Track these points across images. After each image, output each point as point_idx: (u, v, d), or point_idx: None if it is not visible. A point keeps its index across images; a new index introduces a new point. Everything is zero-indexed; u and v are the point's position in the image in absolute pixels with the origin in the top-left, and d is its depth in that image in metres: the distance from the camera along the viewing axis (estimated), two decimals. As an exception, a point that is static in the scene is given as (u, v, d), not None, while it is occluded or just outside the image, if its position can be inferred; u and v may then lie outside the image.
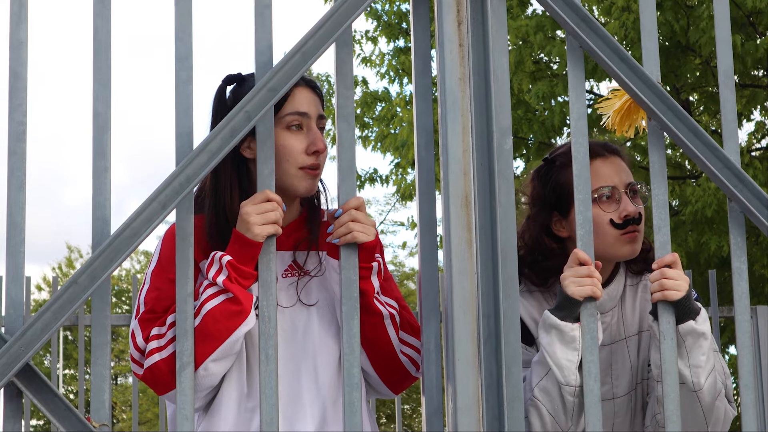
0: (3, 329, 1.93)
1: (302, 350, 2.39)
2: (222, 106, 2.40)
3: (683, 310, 2.30)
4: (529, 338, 2.54)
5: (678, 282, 2.24)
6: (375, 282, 2.34)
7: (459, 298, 1.99)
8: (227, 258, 2.23)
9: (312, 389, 2.38)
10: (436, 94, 2.10)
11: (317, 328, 2.41)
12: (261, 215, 2.15)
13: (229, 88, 2.43)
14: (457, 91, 2.04)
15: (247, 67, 2.52)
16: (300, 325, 2.40)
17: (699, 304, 2.40)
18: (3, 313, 5.41)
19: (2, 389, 1.88)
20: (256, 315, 2.26)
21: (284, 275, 2.42)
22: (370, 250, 2.28)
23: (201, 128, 2.05)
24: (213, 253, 2.27)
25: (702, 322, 2.36)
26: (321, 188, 2.48)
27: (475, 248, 2.01)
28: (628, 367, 2.63)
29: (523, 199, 2.75)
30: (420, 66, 2.15)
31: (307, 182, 2.38)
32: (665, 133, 2.15)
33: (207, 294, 2.24)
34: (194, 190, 2.00)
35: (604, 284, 2.62)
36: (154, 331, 2.27)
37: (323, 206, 2.50)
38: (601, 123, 2.55)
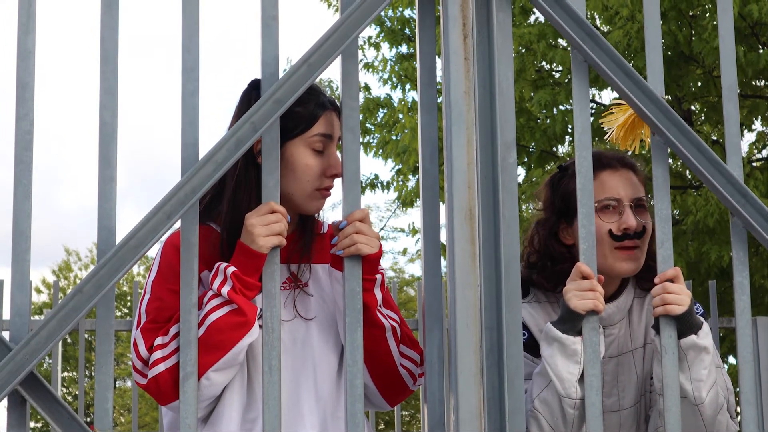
0: (7, 335, 1.93)
1: (301, 362, 2.39)
2: (246, 110, 2.38)
3: (685, 325, 2.30)
4: (537, 350, 2.54)
5: (680, 296, 2.24)
6: (378, 294, 2.34)
7: (462, 311, 2.00)
8: (232, 269, 2.23)
9: (311, 401, 2.38)
10: (439, 101, 2.11)
11: (316, 340, 2.41)
12: (266, 227, 2.15)
13: (255, 93, 2.42)
14: (462, 104, 2.05)
15: (252, 78, 2.51)
16: (299, 337, 2.40)
17: (701, 319, 2.40)
18: (5, 318, 5.42)
19: (7, 397, 1.89)
20: (260, 326, 2.26)
21: (282, 288, 2.42)
22: (374, 263, 2.28)
23: (206, 139, 2.05)
24: (218, 263, 2.27)
25: (704, 337, 2.37)
26: None
27: (478, 261, 2.02)
28: (634, 379, 2.64)
29: (533, 205, 2.76)
30: (425, 77, 2.15)
31: (319, 203, 2.40)
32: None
33: (212, 305, 2.24)
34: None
35: (612, 297, 2.63)
36: (158, 340, 2.27)
37: (318, 218, 2.51)
38: (605, 137, 2.55)
